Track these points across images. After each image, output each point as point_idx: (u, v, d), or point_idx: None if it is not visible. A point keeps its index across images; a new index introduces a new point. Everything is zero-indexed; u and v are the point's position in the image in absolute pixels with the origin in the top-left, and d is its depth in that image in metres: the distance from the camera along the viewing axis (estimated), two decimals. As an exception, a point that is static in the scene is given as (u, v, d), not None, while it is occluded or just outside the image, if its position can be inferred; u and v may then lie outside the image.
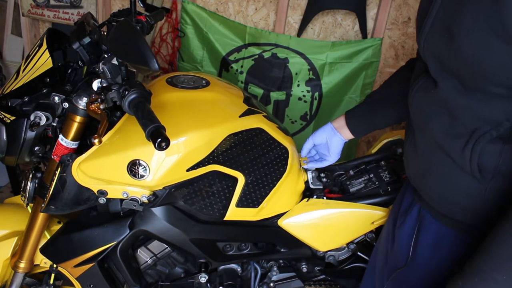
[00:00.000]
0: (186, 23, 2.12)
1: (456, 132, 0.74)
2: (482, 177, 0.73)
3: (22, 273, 1.16)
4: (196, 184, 1.05)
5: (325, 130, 1.15)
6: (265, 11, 2.12)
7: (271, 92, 2.14)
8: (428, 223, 0.88)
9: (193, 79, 1.16)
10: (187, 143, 1.01)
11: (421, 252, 0.89)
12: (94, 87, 0.97)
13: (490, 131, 0.70)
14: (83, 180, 1.00)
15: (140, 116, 0.82)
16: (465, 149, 0.73)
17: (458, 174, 0.76)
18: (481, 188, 0.74)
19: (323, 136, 1.15)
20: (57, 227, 1.20)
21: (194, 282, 1.19)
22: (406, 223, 0.95)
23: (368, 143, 2.32)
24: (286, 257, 1.25)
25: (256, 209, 1.09)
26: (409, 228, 0.93)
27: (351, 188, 1.22)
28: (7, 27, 2.53)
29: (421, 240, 0.89)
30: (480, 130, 0.70)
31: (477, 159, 0.72)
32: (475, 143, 0.71)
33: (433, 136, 0.79)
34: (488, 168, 0.72)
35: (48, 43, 1.04)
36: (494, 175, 0.72)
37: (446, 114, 0.75)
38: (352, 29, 2.09)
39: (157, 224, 1.08)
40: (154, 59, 0.79)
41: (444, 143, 0.77)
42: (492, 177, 0.72)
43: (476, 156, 0.72)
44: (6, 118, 1.00)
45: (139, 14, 1.11)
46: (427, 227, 0.89)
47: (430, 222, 0.88)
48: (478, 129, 0.71)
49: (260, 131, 1.11)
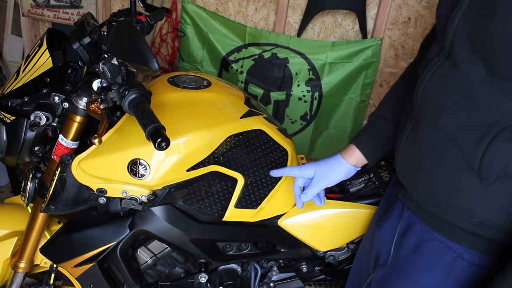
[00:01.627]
0: (186, 23, 2.12)
1: (473, 125, 0.68)
2: (487, 177, 0.69)
3: (22, 273, 1.16)
4: (196, 184, 1.05)
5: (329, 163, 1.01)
6: (265, 11, 2.12)
7: (271, 92, 2.14)
8: (413, 224, 0.85)
9: (194, 79, 1.16)
10: (188, 143, 1.01)
11: (402, 253, 0.86)
12: (94, 87, 0.97)
13: (510, 127, 0.65)
14: (82, 178, 1.00)
15: (140, 116, 0.82)
16: (480, 143, 0.68)
17: (461, 171, 0.72)
18: (482, 189, 0.70)
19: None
20: (57, 227, 1.20)
21: (194, 282, 1.19)
22: (386, 222, 0.92)
23: (368, 143, 2.31)
24: (286, 257, 1.25)
25: (255, 211, 1.09)
26: (390, 227, 0.90)
27: (351, 188, 1.22)
28: (7, 27, 2.53)
29: (404, 240, 0.86)
30: (500, 124, 0.65)
31: (489, 157, 0.67)
32: (492, 139, 0.66)
33: (445, 128, 0.73)
34: (495, 168, 0.68)
35: (48, 43, 1.04)
36: (499, 177, 0.68)
37: (464, 104, 0.69)
38: (352, 29, 2.10)
39: (157, 224, 1.08)
40: (154, 59, 0.79)
41: (457, 136, 0.71)
42: (497, 178, 0.68)
43: (490, 153, 0.67)
44: (6, 118, 1.00)
45: (139, 14, 1.11)
46: (411, 228, 0.85)
47: (414, 223, 0.84)
48: (498, 122, 0.66)
49: (260, 133, 1.11)
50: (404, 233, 0.86)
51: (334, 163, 1.00)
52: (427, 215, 0.81)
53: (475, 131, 0.68)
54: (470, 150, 0.69)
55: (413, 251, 0.84)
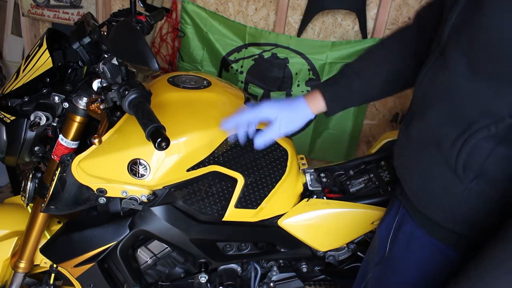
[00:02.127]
0: (186, 23, 2.12)
1: (454, 122, 0.70)
2: (465, 175, 0.69)
3: (22, 273, 1.16)
4: (196, 184, 1.05)
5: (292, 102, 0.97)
6: (265, 11, 2.12)
7: (271, 92, 2.14)
8: (405, 222, 0.86)
9: (194, 79, 1.16)
10: (188, 143, 1.01)
11: (396, 250, 0.87)
12: (94, 87, 0.97)
13: (488, 126, 0.65)
14: (82, 178, 1.00)
15: (140, 116, 0.82)
16: (456, 140, 0.69)
17: (442, 170, 0.72)
18: (460, 188, 0.70)
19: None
20: (57, 227, 1.20)
21: (194, 282, 1.19)
22: (385, 219, 0.93)
23: (368, 143, 2.32)
24: (286, 257, 1.25)
25: (255, 211, 1.09)
26: (389, 224, 0.91)
27: (351, 188, 1.22)
28: (7, 27, 2.53)
29: (397, 238, 0.87)
30: (480, 123, 0.66)
31: (465, 154, 0.68)
32: (469, 136, 0.67)
33: (431, 123, 0.74)
34: (472, 167, 0.68)
35: (48, 43, 1.04)
36: (476, 176, 0.68)
37: (449, 100, 0.70)
38: (352, 29, 2.10)
39: (157, 224, 1.08)
40: (154, 59, 0.79)
41: (439, 132, 0.72)
42: (474, 177, 0.68)
43: (466, 151, 0.68)
44: (6, 118, 1.00)
45: (139, 14, 1.11)
46: (403, 226, 0.86)
47: (407, 222, 0.85)
48: (478, 121, 0.66)
49: None
50: (398, 231, 0.88)
51: (298, 106, 0.96)
52: (418, 214, 0.82)
53: (454, 129, 0.69)
54: (448, 147, 0.70)
55: (405, 248, 0.85)
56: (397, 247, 0.87)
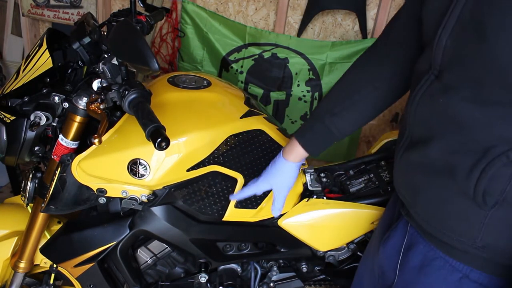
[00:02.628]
0: (186, 23, 2.12)
1: (466, 150, 0.66)
2: (484, 202, 0.66)
3: (22, 273, 1.16)
4: (196, 184, 1.05)
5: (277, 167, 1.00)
6: (265, 11, 2.12)
7: (271, 92, 2.14)
8: (416, 242, 0.81)
9: (194, 79, 1.16)
10: (188, 143, 1.01)
11: (407, 273, 0.82)
12: (94, 87, 0.97)
13: (506, 153, 0.62)
14: (82, 178, 1.00)
15: (140, 116, 0.82)
16: (473, 169, 0.65)
17: (456, 196, 0.69)
18: (480, 215, 0.67)
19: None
20: (57, 227, 1.20)
21: (194, 282, 1.19)
22: (391, 239, 0.88)
23: (368, 143, 2.32)
24: (286, 257, 1.25)
25: (255, 210, 1.09)
26: (395, 244, 0.86)
27: (351, 188, 1.22)
28: (7, 27, 2.53)
29: (408, 259, 0.82)
30: (496, 150, 0.63)
31: (484, 183, 0.65)
32: (487, 165, 0.64)
33: (438, 151, 0.71)
34: (493, 193, 0.65)
35: (48, 43, 1.04)
36: (497, 202, 0.65)
37: (457, 128, 0.67)
38: (352, 29, 2.10)
39: (157, 224, 1.07)
40: (154, 59, 0.79)
41: (451, 160, 0.68)
42: (495, 203, 0.66)
43: (486, 180, 0.64)
44: (6, 118, 1.00)
45: (139, 14, 1.11)
46: (415, 247, 0.81)
47: (417, 241, 0.80)
48: (493, 148, 0.63)
49: (260, 133, 1.11)
50: (408, 252, 0.83)
51: (282, 168, 0.99)
52: (429, 235, 0.78)
53: (468, 157, 0.66)
54: (464, 176, 0.67)
55: (418, 271, 0.80)
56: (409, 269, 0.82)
